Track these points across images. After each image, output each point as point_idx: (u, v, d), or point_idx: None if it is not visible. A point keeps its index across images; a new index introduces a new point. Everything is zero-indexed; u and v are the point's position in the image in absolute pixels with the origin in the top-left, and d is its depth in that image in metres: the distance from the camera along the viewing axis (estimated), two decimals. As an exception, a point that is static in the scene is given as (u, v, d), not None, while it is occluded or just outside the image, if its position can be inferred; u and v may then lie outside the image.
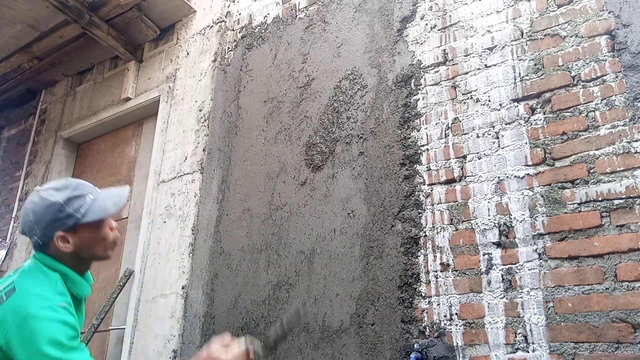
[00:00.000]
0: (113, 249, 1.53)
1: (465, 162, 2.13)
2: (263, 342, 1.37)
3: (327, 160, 2.58)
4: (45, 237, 1.42)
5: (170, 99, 3.63)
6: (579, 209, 1.81)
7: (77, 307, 1.45)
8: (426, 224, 2.15)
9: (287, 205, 2.65)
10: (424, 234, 2.14)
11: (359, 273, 2.26)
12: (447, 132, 2.23)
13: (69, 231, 1.43)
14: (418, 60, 2.42)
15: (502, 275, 1.90)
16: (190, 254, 2.99)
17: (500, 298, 1.88)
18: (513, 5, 2.20)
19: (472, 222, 2.03)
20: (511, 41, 2.16)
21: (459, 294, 1.98)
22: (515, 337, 1.81)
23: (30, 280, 1.41)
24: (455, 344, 1.93)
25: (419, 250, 2.13)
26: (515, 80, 2.10)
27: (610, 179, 1.78)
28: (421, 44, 2.44)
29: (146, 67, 3.96)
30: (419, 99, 2.36)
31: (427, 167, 2.23)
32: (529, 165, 1.96)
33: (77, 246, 1.45)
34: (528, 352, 1.77)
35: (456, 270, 2.02)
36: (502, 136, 2.07)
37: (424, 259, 2.11)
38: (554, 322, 1.75)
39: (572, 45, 2.00)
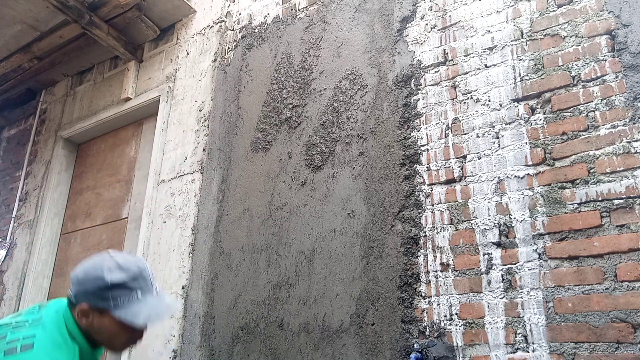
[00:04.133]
0: (122, 350, 1.52)
1: (465, 162, 2.13)
2: None
3: (327, 160, 2.58)
4: (77, 299, 1.40)
5: (170, 99, 3.63)
6: (579, 209, 1.81)
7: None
8: (426, 224, 2.15)
9: (287, 205, 2.65)
10: (424, 234, 2.14)
11: (359, 273, 2.26)
12: (447, 132, 2.23)
13: (95, 310, 1.40)
14: (418, 60, 2.42)
15: (502, 275, 1.90)
16: (190, 254, 2.99)
17: (500, 298, 1.88)
18: (513, 5, 2.20)
19: (472, 222, 2.03)
20: (511, 41, 2.16)
21: (459, 294, 1.98)
22: (515, 337, 1.81)
23: (51, 342, 1.35)
24: (455, 344, 1.93)
25: (419, 250, 2.13)
26: (515, 80, 2.10)
27: (610, 179, 1.78)
28: (421, 44, 2.44)
29: (146, 67, 3.96)
30: (419, 99, 2.36)
31: (427, 167, 2.23)
32: (529, 165, 1.96)
33: (92, 326, 1.41)
34: (528, 352, 1.77)
35: (456, 270, 2.02)
36: (502, 136, 2.07)
37: (424, 259, 2.11)
38: (554, 322, 1.75)
39: (572, 45, 2.00)
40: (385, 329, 2.10)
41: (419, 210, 2.19)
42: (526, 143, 2.00)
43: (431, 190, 2.19)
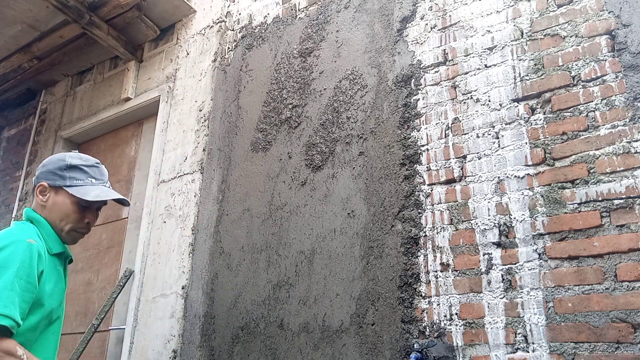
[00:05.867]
0: (74, 237, 1.61)
1: (465, 162, 2.13)
2: None
3: (327, 160, 2.58)
4: (37, 181, 1.57)
5: (170, 99, 3.63)
6: (579, 209, 1.81)
7: (57, 266, 1.54)
8: (426, 224, 2.15)
9: (287, 205, 2.65)
10: (424, 234, 2.14)
11: (359, 273, 2.26)
12: (447, 132, 2.23)
13: (52, 188, 1.56)
14: (418, 60, 2.42)
15: (502, 275, 1.90)
16: (190, 254, 2.99)
17: (500, 298, 1.88)
18: (513, 5, 2.20)
19: (472, 222, 2.03)
20: (511, 41, 2.16)
21: (459, 294, 1.98)
22: (515, 337, 1.81)
23: (7, 230, 1.50)
24: (455, 344, 1.93)
25: (419, 250, 2.13)
26: (515, 80, 2.10)
27: (610, 179, 1.78)
28: (421, 44, 2.44)
29: (146, 67, 3.96)
30: (419, 99, 2.36)
31: (427, 167, 2.23)
32: (529, 165, 1.96)
33: (48, 206, 1.56)
34: (528, 352, 1.77)
35: (456, 270, 2.01)
36: (502, 136, 2.07)
37: (424, 259, 2.11)
38: (554, 322, 1.75)
39: (572, 45, 2.00)
40: (385, 329, 2.10)
41: (419, 210, 2.19)
42: (526, 143, 2.00)
43: (431, 190, 2.19)
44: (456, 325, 1.95)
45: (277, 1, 3.22)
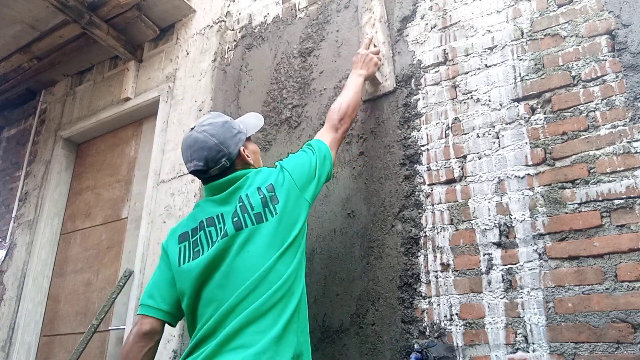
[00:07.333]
0: None
1: (466, 162, 2.13)
2: None
3: (327, 160, 2.57)
4: (232, 154, 1.65)
5: (170, 99, 3.63)
6: (579, 209, 1.81)
7: None
8: (426, 224, 2.15)
9: (287, 205, 2.64)
10: (424, 234, 2.14)
11: (359, 273, 2.26)
12: (447, 132, 2.23)
13: (243, 146, 1.70)
14: (418, 60, 2.42)
15: (502, 276, 1.90)
16: (190, 254, 2.99)
17: (501, 298, 1.88)
18: (513, 5, 2.20)
19: (472, 222, 2.03)
20: (511, 41, 2.16)
21: (459, 294, 1.98)
22: (516, 337, 1.80)
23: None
24: (455, 344, 1.93)
25: (419, 251, 2.13)
26: (516, 80, 2.10)
27: (611, 179, 1.78)
28: (421, 43, 2.44)
29: (146, 67, 3.96)
30: (419, 99, 2.36)
31: (427, 167, 2.23)
32: (529, 165, 1.96)
33: (252, 159, 1.73)
34: (528, 352, 1.77)
35: (456, 271, 2.01)
36: (502, 136, 2.06)
37: (424, 259, 2.11)
38: (554, 322, 1.75)
39: (572, 45, 2.00)
40: (386, 329, 2.10)
41: (419, 210, 2.19)
42: (526, 143, 1.99)
43: (431, 190, 2.19)
44: (456, 325, 1.94)
45: (277, 1, 3.22)
